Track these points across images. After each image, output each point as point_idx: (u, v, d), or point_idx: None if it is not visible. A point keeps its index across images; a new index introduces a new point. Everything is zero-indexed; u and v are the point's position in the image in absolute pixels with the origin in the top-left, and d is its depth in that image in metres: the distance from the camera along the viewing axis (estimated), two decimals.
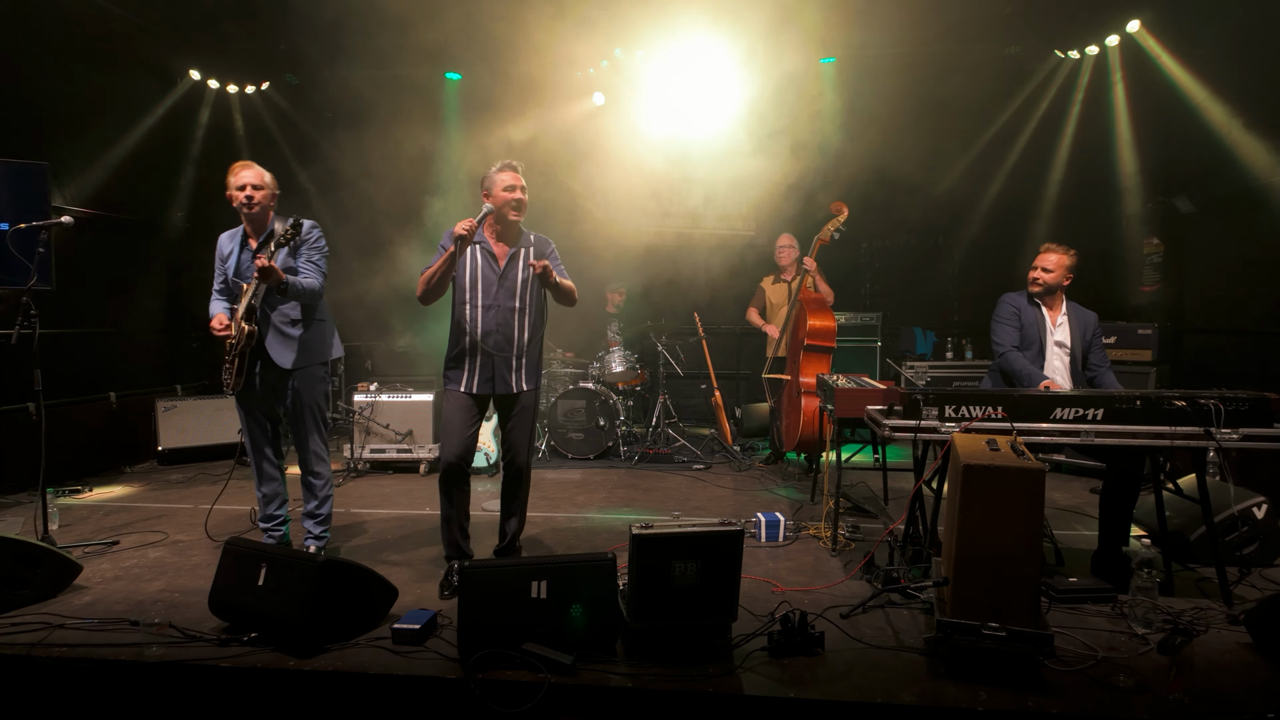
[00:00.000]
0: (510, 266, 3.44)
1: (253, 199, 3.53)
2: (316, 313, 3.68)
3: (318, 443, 3.73)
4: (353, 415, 5.87)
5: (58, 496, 5.01)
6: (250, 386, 3.60)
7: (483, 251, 3.43)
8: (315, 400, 3.69)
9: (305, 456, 3.72)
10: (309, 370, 3.64)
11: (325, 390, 3.77)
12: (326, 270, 3.69)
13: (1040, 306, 3.99)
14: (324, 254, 3.68)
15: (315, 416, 3.70)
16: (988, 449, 2.77)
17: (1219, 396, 3.10)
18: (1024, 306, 4.00)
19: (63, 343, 5.67)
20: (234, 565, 3.01)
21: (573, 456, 6.29)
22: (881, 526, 4.35)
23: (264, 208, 3.58)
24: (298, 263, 3.57)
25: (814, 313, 5.32)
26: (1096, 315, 4.01)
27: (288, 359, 3.57)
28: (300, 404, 3.64)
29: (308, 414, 3.67)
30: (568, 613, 2.70)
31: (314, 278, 3.58)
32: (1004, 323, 3.99)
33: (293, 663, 2.67)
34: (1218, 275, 5.46)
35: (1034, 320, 3.96)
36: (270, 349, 3.54)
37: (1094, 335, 3.96)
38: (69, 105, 5.99)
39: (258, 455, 3.74)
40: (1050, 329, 3.96)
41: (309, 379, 3.65)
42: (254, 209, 3.55)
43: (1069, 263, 3.95)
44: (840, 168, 7.08)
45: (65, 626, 2.96)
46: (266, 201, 3.58)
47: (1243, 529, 3.57)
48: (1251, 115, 5.01)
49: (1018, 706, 2.38)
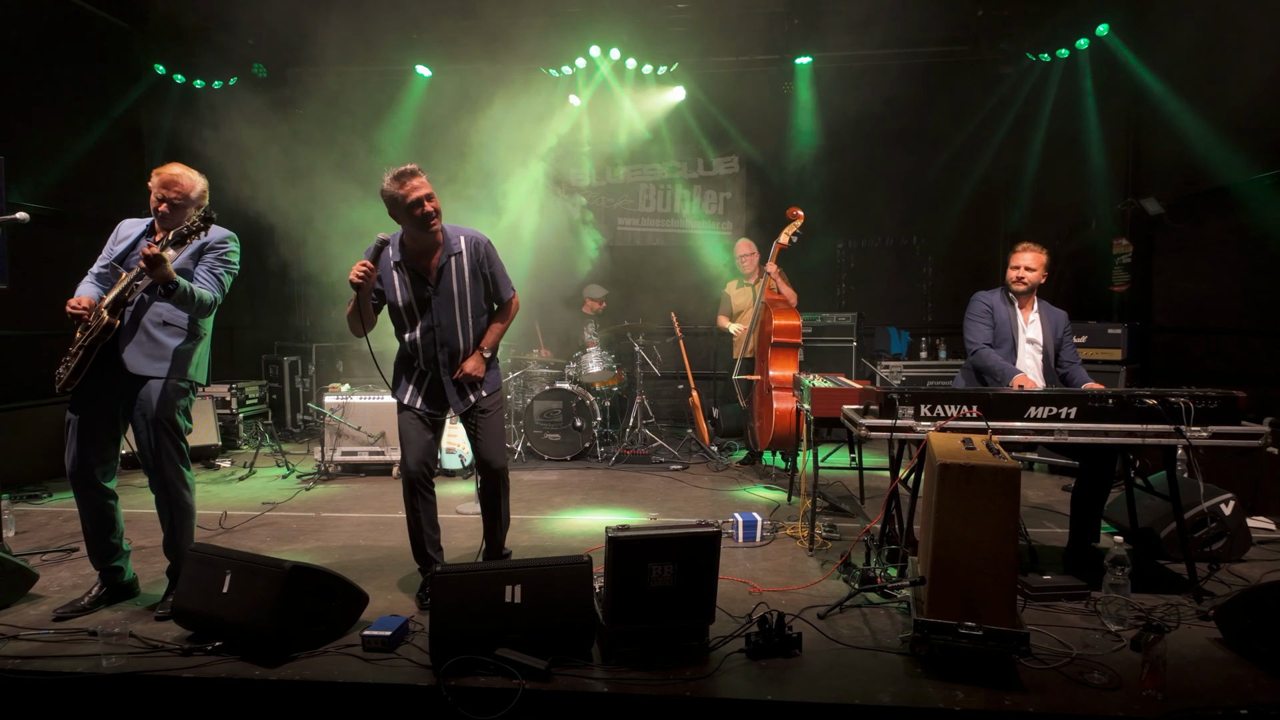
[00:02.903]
0: (444, 279, 3.21)
1: (163, 198, 3.12)
2: (200, 328, 3.21)
3: (175, 463, 3.13)
4: (323, 417, 5.76)
5: (15, 503, 4.84)
6: (88, 388, 3.07)
7: (409, 272, 3.19)
8: (169, 415, 3.10)
9: (161, 480, 3.13)
10: (166, 382, 3.08)
11: (186, 408, 3.18)
12: (227, 289, 3.23)
13: (1014, 304, 4.02)
14: (230, 270, 3.22)
15: (173, 436, 3.12)
16: (963, 448, 2.77)
17: (1189, 395, 3.14)
18: (996, 304, 4.03)
19: (19, 344, 5.50)
20: (197, 572, 2.91)
21: (549, 458, 6.23)
22: (859, 526, 4.35)
23: (177, 215, 3.14)
24: (197, 269, 3.14)
25: (779, 311, 5.43)
26: (1066, 313, 4.06)
27: (144, 365, 3.05)
28: (154, 419, 3.06)
29: (162, 433, 3.08)
30: (542, 617, 2.66)
31: (210, 289, 3.13)
32: (977, 320, 4.02)
33: (259, 672, 2.59)
34: (1186, 275, 5.55)
35: (1007, 318, 3.99)
36: (126, 356, 3.03)
37: (1064, 333, 4.01)
38: (27, 98, 5.82)
39: (83, 477, 3.09)
40: (1023, 327, 4.00)
41: (167, 393, 3.08)
42: (162, 215, 3.15)
43: (1046, 260, 4.00)
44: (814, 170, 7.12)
45: (20, 638, 2.85)
46: (180, 204, 3.14)
47: (1212, 525, 3.62)
48: (1219, 117, 5.10)
49: (994, 705, 2.38)
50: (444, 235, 3.24)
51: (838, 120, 7.27)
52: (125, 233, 3.25)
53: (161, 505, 3.20)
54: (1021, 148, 7.20)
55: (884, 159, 7.62)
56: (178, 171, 3.17)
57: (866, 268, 8.22)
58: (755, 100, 7.65)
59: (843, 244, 8.18)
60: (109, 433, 3.15)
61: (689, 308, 7.79)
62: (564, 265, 7.57)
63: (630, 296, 7.99)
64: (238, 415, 6.81)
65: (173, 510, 3.19)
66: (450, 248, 3.25)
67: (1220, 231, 5.18)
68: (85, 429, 3.10)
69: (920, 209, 7.81)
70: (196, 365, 3.23)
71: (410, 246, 3.21)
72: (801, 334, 5.48)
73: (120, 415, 3.17)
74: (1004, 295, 4.05)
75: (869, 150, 7.49)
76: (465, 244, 3.28)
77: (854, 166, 7.26)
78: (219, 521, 4.37)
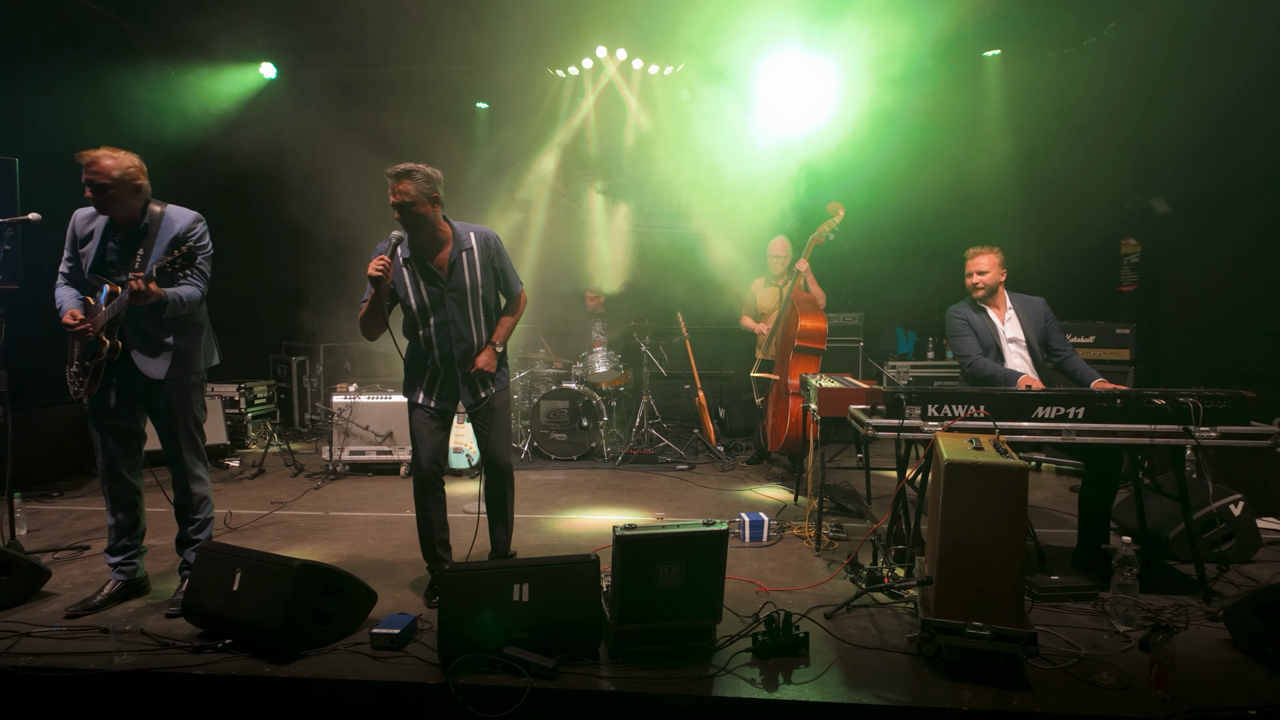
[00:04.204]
0: (455, 275, 3.24)
1: (87, 181, 3.00)
2: (197, 318, 3.27)
3: (195, 460, 3.29)
4: (331, 417, 5.79)
5: (27, 501, 4.88)
6: (108, 396, 3.15)
7: (420, 269, 3.23)
8: (191, 412, 3.25)
9: (182, 475, 3.26)
10: (183, 380, 3.21)
11: (201, 401, 3.32)
12: (210, 272, 3.23)
13: (984, 311, 4.01)
14: (208, 255, 3.20)
15: (191, 430, 3.27)
16: (971, 448, 2.77)
17: (1198, 395, 3.13)
18: (970, 315, 4.01)
19: (32, 344, 5.54)
20: (208, 570, 2.94)
21: (556, 457, 6.24)
22: (865, 526, 4.35)
23: (112, 200, 3.05)
24: None
25: (806, 314, 5.21)
26: (1043, 299, 4.02)
27: (158, 369, 3.13)
28: (173, 417, 3.20)
29: (181, 428, 3.23)
30: (550, 616, 2.66)
31: (195, 286, 3.15)
32: (959, 335, 4.01)
33: (268, 669, 2.61)
34: (1194, 275, 5.53)
35: (984, 326, 3.98)
36: (139, 361, 3.11)
37: (1047, 320, 3.97)
38: (36, 101, 5.86)
39: (112, 476, 3.21)
40: (1000, 329, 3.98)
41: (183, 389, 3.21)
42: (95, 200, 3.05)
43: (999, 259, 3.99)
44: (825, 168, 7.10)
45: (32, 635, 2.88)
46: (105, 184, 3.01)
47: (1220, 526, 3.61)
48: (1228, 114, 5.08)
49: (1002, 705, 2.38)
50: (454, 232, 3.27)
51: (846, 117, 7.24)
52: (83, 230, 3.15)
53: (183, 499, 3.29)
54: (1030, 146, 7.17)
55: (891, 157, 7.59)
56: (99, 153, 3.04)
57: (873, 267, 8.19)
58: None
59: (849, 243, 8.15)
60: (134, 436, 3.27)
61: (695, 308, 7.78)
62: (570, 265, 7.59)
63: (637, 296, 7.99)
64: (246, 415, 6.84)
65: (194, 503, 3.30)
66: (461, 243, 3.28)
67: (1229, 231, 5.16)
68: (110, 438, 3.20)
69: (927, 208, 7.78)
70: (204, 353, 3.32)
71: (418, 243, 3.23)
72: (827, 340, 5.22)
73: (140, 415, 3.26)
74: (971, 304, 4.04)
75: (874, 148, 7.47)
76: (475, 239, 3.30)
77: (860, 165, 7.24)
78: (224, 521, 4.39)
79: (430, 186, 3.13)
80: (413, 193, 3.08)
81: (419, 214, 3.12)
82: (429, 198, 3.13)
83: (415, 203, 3.09)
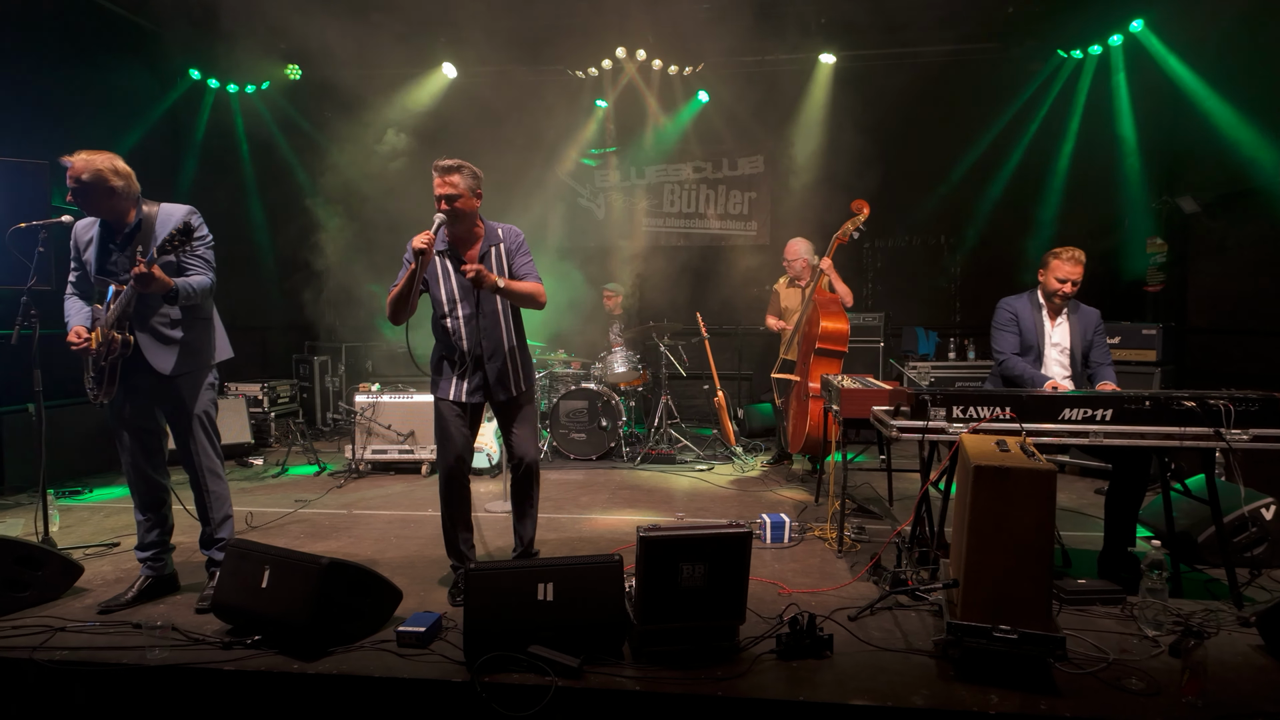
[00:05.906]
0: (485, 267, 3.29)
1: (69, 188, 3.03)
2: (201, 311, 3.28)
3: (210, 456, 3.31)
4: (354, 416, 5.85)
5: (58, 498, 4.97)
6: (123, 396, 3.18)
7: (452, 259, 3.29)
8: (203, 408, 3.29)
9: (196, 473, 3.29)
10: (194, 375, 3.25)
11: (213, 397, 3.36)
12: (214, 261, 3.26)
13: (1042, 310, 3.96)
14: (209, 244, 3.24)
15: (204, 426, 3.30)
16: (997, 450, 2.75)
17: (1228, 397, 3.08)
18: (1022, 311, 3.95)
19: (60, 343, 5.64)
20: (237, 567, 2.98)
21: (575, 457, 6.26)
22: (888, 528, 4.32)
23: (90, 201, 3.08)
24: (183, 259, 3.16)
25: (827, 314, 5.09)
26: (1099, 312, 3.97)
27: (166, 363, 3.15)
28: (186, 414, 3.24)
29: (196, 425, 3.26)
30: (574, 615, 2.68)
31: (204, 274, 3.18)
32: (1003, 329, 3.96)
33: (296, 665, 2.65)
34: (1222, 275, 5.45)
35: (1033, 325, 3.93)
36: (148, 355, 3.13)
37: (1095, 333, 3.93)
38: (66, 103, 5.96)
39: (137, 476, 3.27)
40: (1049, 332, 3.93)
41: (194, 385, 3.26)
42: (79, 205, 3.09)
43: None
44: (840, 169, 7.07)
45: (67, 629, 2.93)
46: (82, 188, 3.04)
47: (1252, 530, 3.55)
48: (1258, 113, 5.00)
49: (1029, 709, 2.36)
50: (485, 227, 3.37)
51: (864, 119, 7.22)
52: (83, 236, 3.23)
53: (200, 496, 3.32)
54: (1053, 145, 7.10)
55: (911, 157, 7.55)
56: (75, 157, 3.06)
57: (894, 267, 8.15)
58: (780, 100, 7.63)
59: (869, 243, 8.12)
60: (154, 435, 3.31)
61: (714, 307, 7.78)
62: (587, 266, 7.61)
63: (656, 297, 8.00)
64: (269, 414, 6.92)
65: (211, 501, 3.32)
66: (492, 238, 3.37)
67: (1259, 231, 5.08)
68: (131, 437, 3.25)
69: (948, 207, 7.73)
70: (214, 345, 3.37)
71: (455, 235, 3.32)
72: (849, 342, 5.11)
73: (157, 413, 3.29)
74: (1032, 300, 3.98)
75: (895, 148, 7.44)
76: (504, 234, 3.41)
77: (881, 165, 7.20)
78: (245, 520, 4.44)
79: (475, 182, 3.25)
80: (461, 186, 3.19)
81: (462, 208, 3.22)
82: (473, 192, 3.25)
83: (461, 196, 3.20)
